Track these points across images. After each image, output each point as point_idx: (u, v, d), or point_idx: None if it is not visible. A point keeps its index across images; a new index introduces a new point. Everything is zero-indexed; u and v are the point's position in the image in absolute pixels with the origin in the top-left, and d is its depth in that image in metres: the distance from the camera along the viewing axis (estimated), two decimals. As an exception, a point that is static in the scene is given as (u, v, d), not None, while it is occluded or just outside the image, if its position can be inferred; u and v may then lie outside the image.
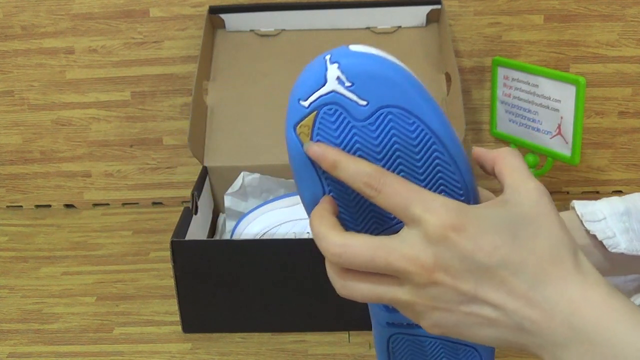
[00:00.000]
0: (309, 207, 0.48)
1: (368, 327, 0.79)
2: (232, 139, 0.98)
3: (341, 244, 0.42)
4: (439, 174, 0.46)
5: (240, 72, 1.02)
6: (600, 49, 1.04)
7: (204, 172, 0.95)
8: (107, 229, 1.05)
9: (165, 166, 1.11)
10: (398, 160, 0.46)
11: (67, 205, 1.13)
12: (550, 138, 0.96)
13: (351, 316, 0.78)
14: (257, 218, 0.87)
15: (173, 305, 0.83)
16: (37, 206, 1.13)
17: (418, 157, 0.45)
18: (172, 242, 0.76)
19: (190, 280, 0.78)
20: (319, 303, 0.78)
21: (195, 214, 0.84)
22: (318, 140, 0.45)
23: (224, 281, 0.77)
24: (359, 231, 0.49)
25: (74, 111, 1.09)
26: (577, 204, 0.58)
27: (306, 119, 0.45)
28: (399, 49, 1.02)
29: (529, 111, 0.97)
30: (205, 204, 0.91)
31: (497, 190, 0.53)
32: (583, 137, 0.96)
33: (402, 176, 0.46)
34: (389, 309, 0.54)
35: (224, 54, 1.04)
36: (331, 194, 0.47)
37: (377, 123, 0.45)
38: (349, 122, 0.45)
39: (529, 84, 0.96)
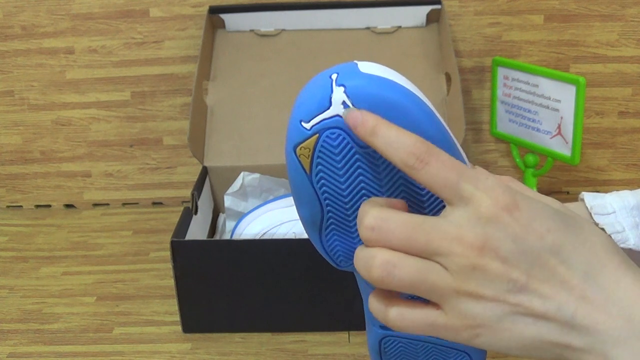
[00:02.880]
0: (308, 226, 0.47)
1: (368, 327, 0.79)
2: (232, 139, 0.98)
3: (378, 217, 0.38)
4: (443, 204, 0.43)
5: (240, 72, 1.02)
6: (600, 49, 1.04)
7: (204, 172, 0.95)
8: (107, 229, 1.05)
9: (165, 166, 1.11)
10: (401, 188, 0.44)
11: (67, 205, 1.13)
12: (550, 138, 0.96)
13: (351, 316, 0.78)
14: (257, 218, 0.87)
15: (173, 305, 0.83)
16: (37, 206, 1.13)
17: (422, 186, 0.43)
18: (172, 242, 0.76)
19: (190, 280, 0.78)
20: (319, 303, 0.78)
21: (195, 214, 0.84)
22: (319, 163, 0.43)
23: (224, 281, 0.77)
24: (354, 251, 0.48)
25: (74, 111, 1.09)
26: (587, 196, 0.57)
27: (307, 141, 0.43)
28: (399, 49, 1.02)
29: (529, 111, 0.97)
30: (205, 204, 0.91)
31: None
32: (583, 137, 0.96)
33: (410, 209, 0.44)
34: None
35: (224, 54, 1.04)
36: (329, 214, 0.46)
37: None
38: (352, 148, 0.43)
39: (529, 84, 0.96)
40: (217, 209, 0.99)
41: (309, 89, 0.43)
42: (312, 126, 0.43)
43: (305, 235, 0.84)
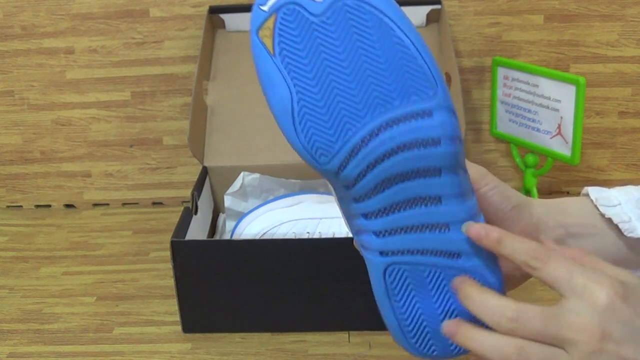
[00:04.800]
0: (281, 115, 0.48)
1: (368, 327, 0.79)
2: (232, 139, 0.98)
3: (516, 309, 0.45)
4: (405, 68, 0.47)
5: (240, 72, 1.02)
6: (600, 49, 1.04)
7: (204, 172, 0.95)
8: (107, 229, 1.05)
9: (165, 166, 1.11)
10: (363, 59, 0.46)
11: (67, 205, 1.13)
12: (550, 138, 0.96)
13: (351, 316, 0.78)
14: (257, 218, 0.87)
15: (173, 305, 0.83)
16: (37, 206, 1.13)
17: (380, 52, 0.46)
18: (172, 242, 0.76)
19: (190, 280, 0.78)
20: (319, 303, 0.78)
21: (195, 214, 0.84)
22: (281, 42, 0.46)
23: (224, 281, 0.77)
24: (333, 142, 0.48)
25: (74, 111, 1.09)
26: (591, 190, 0.58)
27: (267, 22, 0.46)
28: (399, 49, 1.02)
29: (529, 111, 0.97)
30: (205, 204, 0.91)
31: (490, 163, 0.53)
32: (583, 137, 0.96)
33: (370, 79, 0.46)
34: (378, 233, 0.49)
35: (224, 54, 1.04)
36: (299, 95, 0.47)
37: (334, 17, 0.46)
38: (307, 20, 0.46)
39: (529, 84, 0.96)
40: (217, 209, 0.99)
41: None
42: (269, 7, 0.46)
43: (305, 235, 0.84)
